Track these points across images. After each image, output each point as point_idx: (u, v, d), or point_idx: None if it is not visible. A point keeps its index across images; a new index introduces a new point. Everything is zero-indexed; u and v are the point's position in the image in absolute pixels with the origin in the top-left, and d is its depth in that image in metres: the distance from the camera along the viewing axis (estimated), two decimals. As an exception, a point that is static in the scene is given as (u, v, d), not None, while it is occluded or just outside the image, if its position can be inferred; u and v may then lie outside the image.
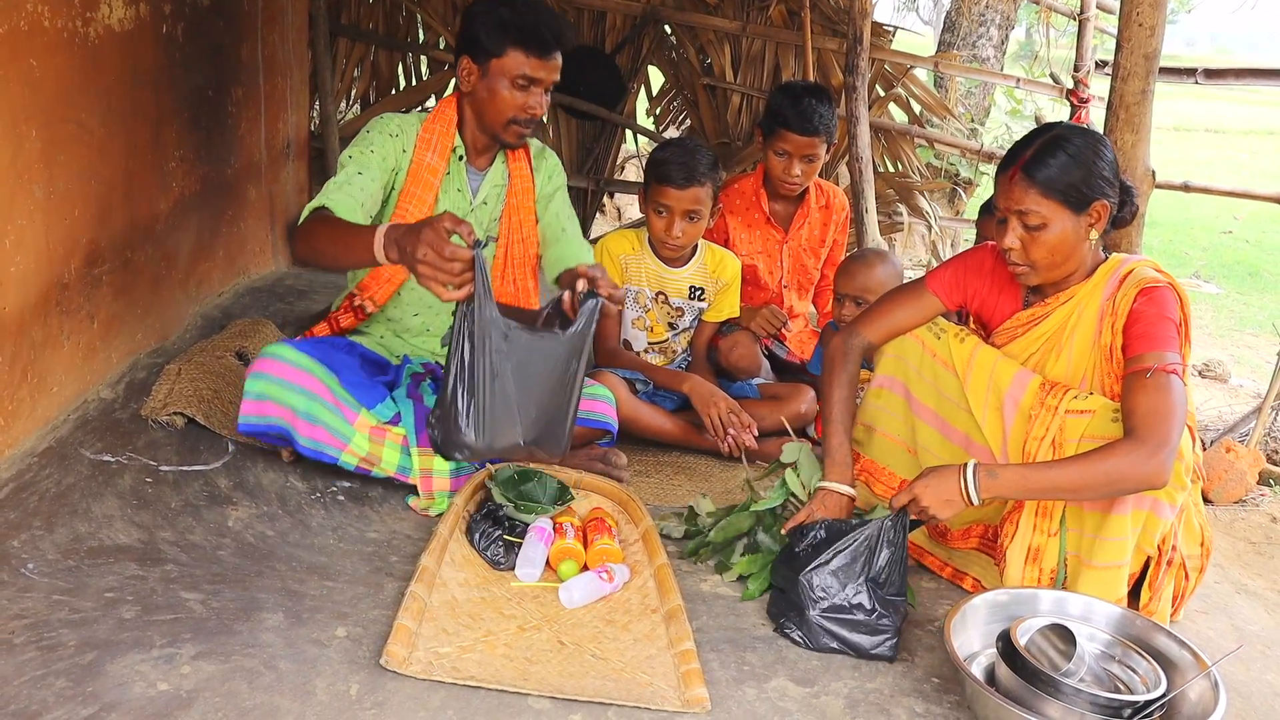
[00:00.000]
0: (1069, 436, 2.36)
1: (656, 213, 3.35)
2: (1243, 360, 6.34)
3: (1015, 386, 2.46)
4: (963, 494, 2.27)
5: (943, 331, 2.63)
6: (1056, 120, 2.56)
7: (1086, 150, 2.36)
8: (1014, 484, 2.27)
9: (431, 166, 2.88)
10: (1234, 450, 3.66)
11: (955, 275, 2.67)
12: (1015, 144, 2.48)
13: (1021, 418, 2.44)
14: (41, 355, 2.72)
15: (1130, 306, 2.37)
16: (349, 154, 2.80)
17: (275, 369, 2.62)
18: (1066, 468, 2.23)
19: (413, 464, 2.71)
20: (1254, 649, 2.53)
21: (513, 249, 3.04)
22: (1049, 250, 2.40)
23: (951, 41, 9.82)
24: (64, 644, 1.96)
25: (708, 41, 5.96)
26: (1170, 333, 2.32)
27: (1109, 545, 2.32)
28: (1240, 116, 20.19)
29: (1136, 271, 2.42)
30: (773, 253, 3.87)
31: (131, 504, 2.54)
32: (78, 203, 2.86)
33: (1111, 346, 2.41)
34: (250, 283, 4.39)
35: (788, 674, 2.19)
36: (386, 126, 2.86)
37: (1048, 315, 2.51)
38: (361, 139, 2.84)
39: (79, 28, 2.81)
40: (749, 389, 3.57)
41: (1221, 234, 10.50)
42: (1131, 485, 2.21)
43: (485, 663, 2.08)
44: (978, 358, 2.54)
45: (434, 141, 2.89)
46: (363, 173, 2.75)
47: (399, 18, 6.07)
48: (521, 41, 2.77)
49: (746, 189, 3.85)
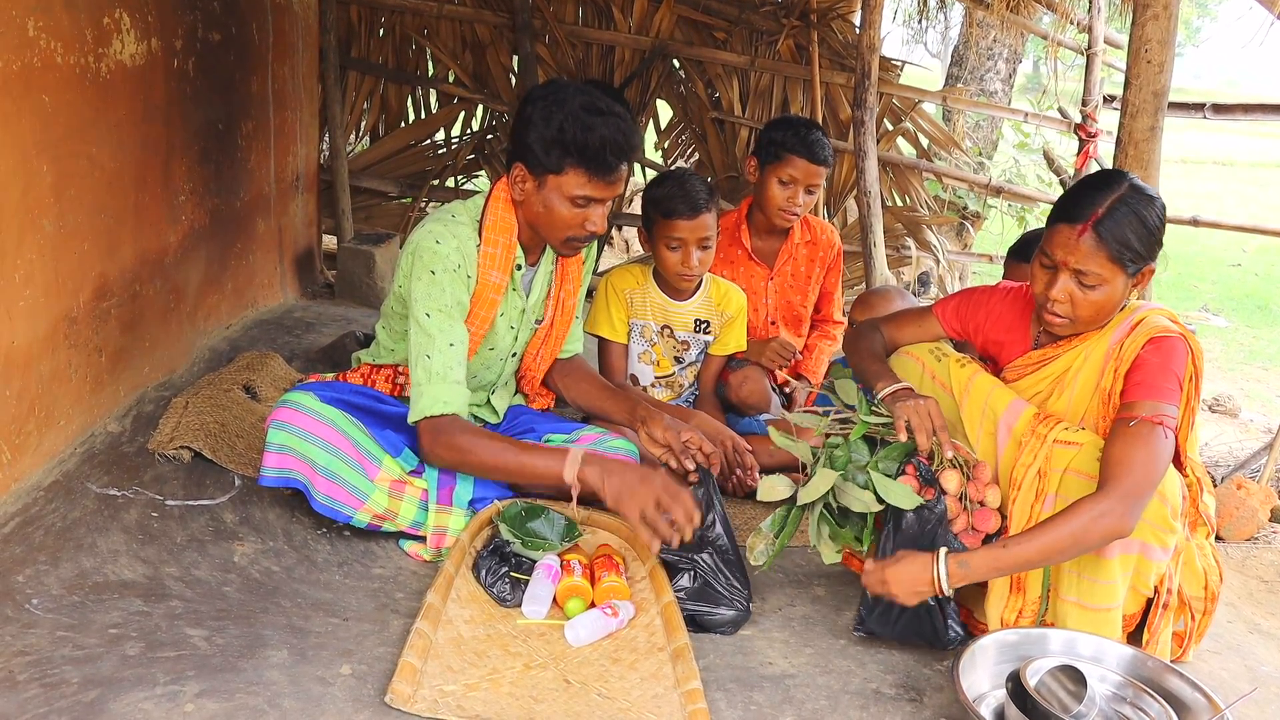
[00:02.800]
0: (1054, 466, 2.34)
1: (669, 249, 3.33)
2: (1253, 395, 6.32)
3: (1009, 413, 2.45)
4: (934, 583, 2.25)
5: (944, 355, 2.63)
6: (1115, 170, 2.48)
7: (1152, 215, 2.31)
8: (986, 568, 2.25)
9: (496, 285, 2.75)
10: (1245, 487, 3.63)
11: (959, 306, 2.70)
12: (1076, 190, 2.40)
13: (1013, 444, 2.43)
14: (49, 389, 2.72)
15: (1137, 354, 2.34)
16: (426, 312, 2.62)
17: (298, 420, 2.59)
18: (1034, 540, 2.21)
19: (428, 520, 2.68)
20: (1268, 691, 2.50)
21: (557, 325, 3.01)
22: (1096, 309, 2.36)
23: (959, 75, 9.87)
24: (67, 681, 1.95)
25: (716, 76, 5.99)
26: (1170, 384, 2.29)
27: (1100, 588, 2.31)
28: (1248, 149, 20.22)
29: (1149, 320, 2.39)
30: (757, 290, 3.84)
31: (137, 539, 2.53)
32: (87, 236, 2.87)
33: (1111, 391, 2.38)
34: (258, 315, 4.40)
35: (795, 713, 2.17)
36: (449, 260, 2.65)
37: (1058, 357, 2.49)
38: (432, 290, 2.63)
39: (91, 63, 2.83)
40: (757, 425, 3.55)
41: (1230, 267, 10.49)
42: (1096, 539, 2.20)
43: (491, 701, 2.06)
44: (975, 383, 2.53)
45: (498, 259, 2.74)
46: (454, 344, 2.64)
47: (409, 51, 6.10)
48: (583, 163, 2.60)
49: (728, 225, 3.80)
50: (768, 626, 2.51)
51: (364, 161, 6.07)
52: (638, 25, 5.94)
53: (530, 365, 3.06)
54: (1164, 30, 3.11)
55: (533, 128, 2.62)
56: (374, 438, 2.68)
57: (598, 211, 2.69)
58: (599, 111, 2.60)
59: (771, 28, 5.80)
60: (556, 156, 2.60)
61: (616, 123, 2.61)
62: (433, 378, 2.61)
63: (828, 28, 5.74)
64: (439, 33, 6.01)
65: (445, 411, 2.60)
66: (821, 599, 2.71)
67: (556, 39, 5.95)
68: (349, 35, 5.93)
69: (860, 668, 2.39)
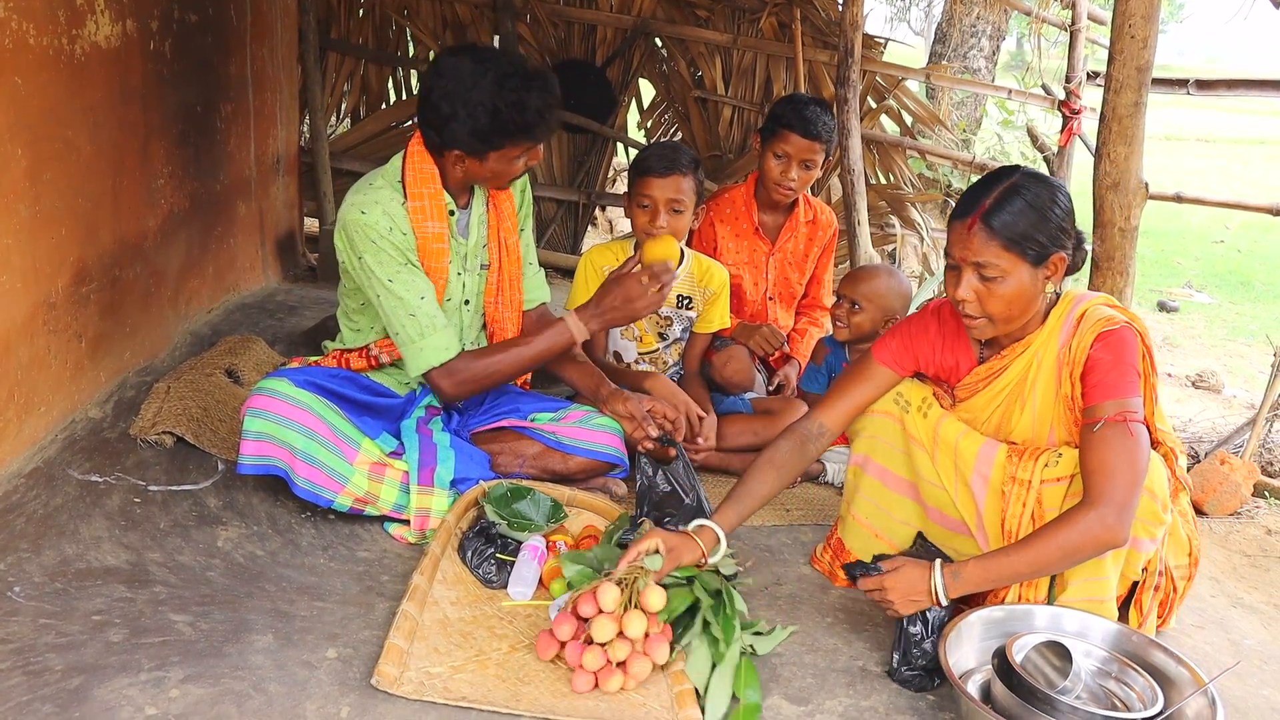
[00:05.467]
0: (1049, 506, 2.30)
1: (641, 207, 3.34)
2: (1236, 370, 6.34)
3: (981, 462, 2.40)
4: (930, 593, 2.23)
5: (907, 404, 2.55)
6: (1012, 165, 2.43)
7: (1046, 199, 2.26)
8: (978, 578, 2.22)
9: (436, 234, 2.75)
10: (1228, 462, 3.65)
11: (901, 343, 2.58)
12: (969, 189, 2.36)
13: (993, 495, 2.39)
14: (29, 375, 2.70)
15: (1087, 354, 2.29)
16: (388, 278, 2.65)
17: (274, 406, 2.57)
18: (1023, 553, 2.19)
19: (410, 502, 2.67)
20: (1251, 664, 2.51)
21: (506, 269, 2.99)
22: (1006, 303, 2.30)
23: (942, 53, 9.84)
24: (51, 668, 1.94)
25: (699, 54, 5.96)
26: (1128, 377, 2.25)
27: (1091, 584, 2.30)
28: (1231, 126, 20.27)
29: (1090, 312, 2.34)
30: (759, 264, 3.86)
31: (120, 525, 2.52)
32: (65, 221, 2.84)
33: (1072, 397, 2.33)
34: (240, 299, 4.37)
35: (782, 693, 2.18)
36: (379, 227, 2.65)
37: (1006, 368, 2.43)
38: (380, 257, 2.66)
39: (65, 45, 2.80)
40: (741, 404, 3.55)
41: (1213, 243, 10.52)
42: (1090, 552, 2.18)
43: (477, 683, 2.06)
44: (941, 433, 2.48)
45: (428, 210, 2.73)
46: (424, 297, 2.69)
47: (389, 32, 6.05)
48: (526, 135, 2.65)
49: (737, 198, 3.85)
50: (754, 606, 2.50)
51: (345, 143, 6.02)
52: (619, 4, 5.91)
53: (494, 315, 3.01)
54: (1148, 5, 3.10)
55: (457, 122, 2.59)
56: (351, 421, 2.68)
57: (536, 155, 2.75)
58: (521, 83, 2.59)
59: (754, 5, 5.77)
60: (496, 139, 2.63)
61: (540, 83, 2.62)
62: (425, 330, 2.66)
63: (810, 5, 5.70)
64: (419, 12, 5.96)
65: (448, 358, 2.68)
66: (807, 578, 2.72)
67: (538, 18, 5.92)
68: (328, 16, 5.87)
69: (847, 645, 2.39)
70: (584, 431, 2.92)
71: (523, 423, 2.95)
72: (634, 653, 2.12)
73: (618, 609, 2.14)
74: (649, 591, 2.17)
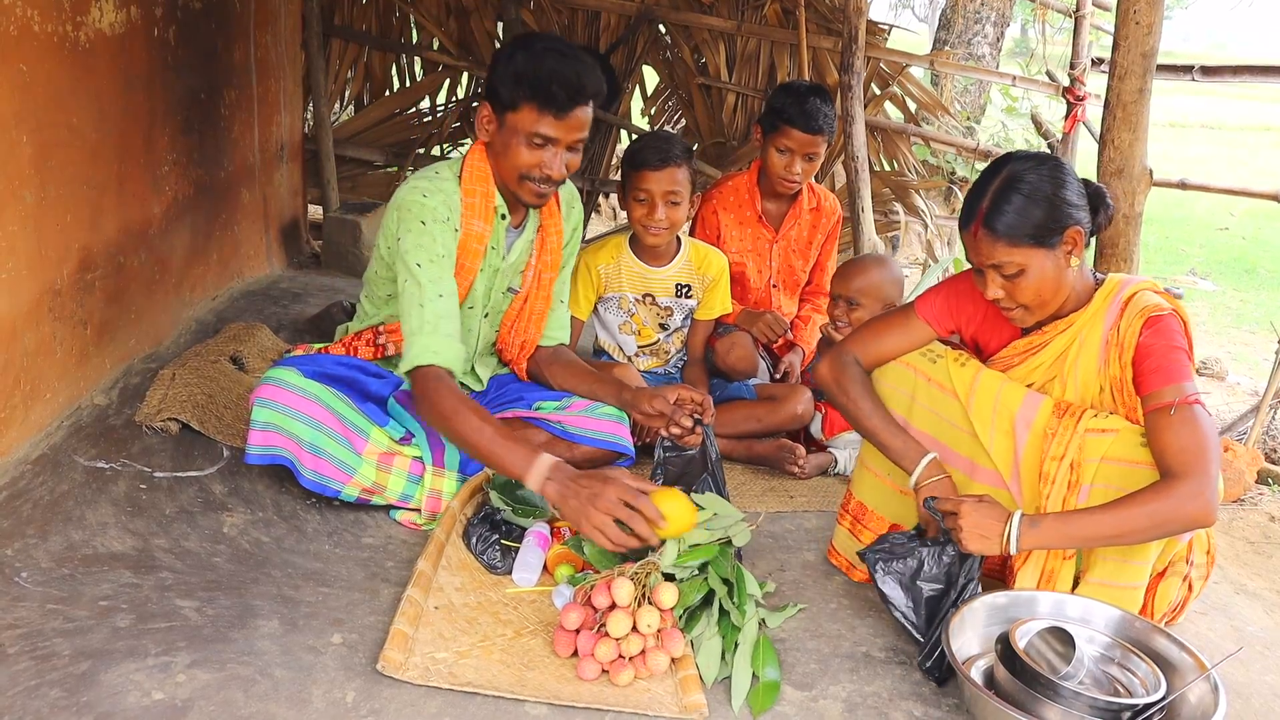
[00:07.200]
0: (1089, 455, 2.28)
1: (637, 200, 3.34)
2: (1240, 357, 6.34)
3: (1026, 408, 2.37)
4: (1003, 539, 2.20)
5: (939, 356, 2.53)
6: (1000, 157, 2.42)
7: (1043, 183, 2.26)
8: (1055, 534, 2.18)
9: (479, 234, 2.75)
10: (1232, 449, 3.65)
11: (947, 302, 2.57)
12: (967, 196, 2.36)
13: (1035, 438, 2.36)
14: (34, 362, 2.71)
15: (1137, 340, 2.29)
16: (418, 262, 2.60)
17: (281, 396, 2.57)
18: (1107, 515, 2.15)
19: (423, 484, 2.68)
20: (1253, 650, 2.52)
21: (533, 303, 2.99)
22: (1034, 292, 2.31)
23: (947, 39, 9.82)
24: (58, 654, 1.95)
25: (702, 41, 5.95)
26: (1183, 362, 2.25)
27: (1130, 568, 2.29)
28: (1236, 112, 20.20)
29: (1138, 298, 2.34)
30: (762, 252, 3.86)
31: (126, 511, 2.53)
32: (70, 208, 2.85)
33: (1121, 379, 2.33)
34: (245, 286, 4.37)
35: (786, 678, 2.18)
36: (437, 213, 2.64)
37: (1046, 344, 2.43)
38: (422, 240, 2.62)
39: (69, 32, 2.80)
40: (745, 390, 3.56)
41: (1218, 230, 10.50)
42: (1179, 526, 2.15)
43: (482, 668, 2.07)
44: (981, 381, 2.44)
45: (478, 207, 2.73)
46: (444, 295, 2.61)
47: (392, 19, 6.04)
48: (534, 97, 2.58)
49: (740, 186, 3.84)
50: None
51: (349, 130, 6.02)
52: (623, -10, 5.90)
53: (506, 339, 3.03)
54: (1152, -9, 3.09)
55: (497, 68, 2.64)
56: (359, 410, 2.68)
57: (552, 154, 2.64)
58: (557, 51, 2.61)
59: (758, -9, 5.75)
60: (510, 92, 2.60)
61: (570, 61, 2.60)
62: (424, 327, 2.57)
63: (815, -9, 5.69)
64: (423, -1, 5.95)
65: (434, 362, 2.54)
66: (812, 564, 2.72)
67: (541, 4, 5.90)
68: (332, 2, 5.87)
69: (850, 631, 2.40)
70: (590, 420, 2.92)
71: (529, 412, 2.95)
72: (648, 648, 2.13)
73: (631, 603, 2.15)
74: (661, 588, 2.18)
